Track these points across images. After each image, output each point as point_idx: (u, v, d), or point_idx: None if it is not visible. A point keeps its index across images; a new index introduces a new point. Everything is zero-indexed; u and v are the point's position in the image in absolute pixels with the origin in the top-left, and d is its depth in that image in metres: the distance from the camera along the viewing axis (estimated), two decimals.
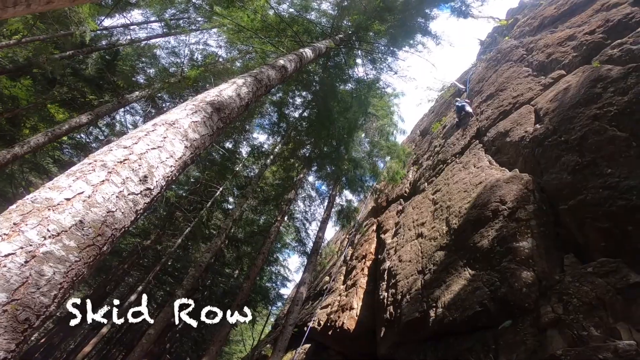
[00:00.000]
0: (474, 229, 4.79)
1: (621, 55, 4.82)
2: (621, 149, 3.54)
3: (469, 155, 7.00)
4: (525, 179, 4.66)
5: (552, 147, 4.57)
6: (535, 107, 5.73)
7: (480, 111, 8.28)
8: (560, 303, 3.17)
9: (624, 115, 3.78)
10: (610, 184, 3.44)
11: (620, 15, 5.76)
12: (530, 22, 10.17)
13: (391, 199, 10.95)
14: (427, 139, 12.37)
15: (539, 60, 7.04)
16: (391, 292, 6.10)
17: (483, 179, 5.63)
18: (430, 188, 7.97)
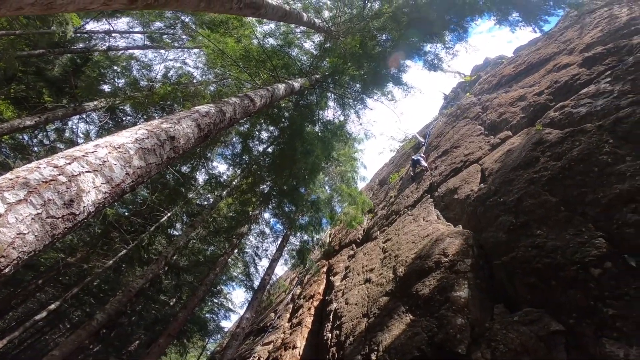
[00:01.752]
0: (417, 278, 4.96)
1: (561, 119, 5.19)
2: (551, 213, 3.96)
3: (420, 209, 7.42)
4: (466, 235, 5.01)
5: (492, 207, 5.02)
6: (482, 167, 6.28)
7: (435, 166, 8.93)
8: (489, 349, 3.30)
9: (556, 180, 4.21)
10: (538, 244, 3.80)
11: (567, 77, 6.15)
12: (490, 80, 10.99)
13: (344, 243, 11.06)
14: (384, 189, 12.94)
15: (491, 120, 7.71)
16: (335, 333, 5.98)
17: (430, 232, 5.95)
18: (382, 237, 8.22)
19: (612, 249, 3.11)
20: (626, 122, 3.85)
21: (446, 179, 7.46)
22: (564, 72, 6.45)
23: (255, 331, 11.69)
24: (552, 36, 9.21)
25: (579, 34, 7.74)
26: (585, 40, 6.88)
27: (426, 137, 12.52)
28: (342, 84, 8.49)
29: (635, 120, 3.74)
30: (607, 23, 6.92)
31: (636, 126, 3.70)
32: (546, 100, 6.14)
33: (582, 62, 6.19)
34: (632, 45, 5.22)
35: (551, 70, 7.09)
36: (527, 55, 9.50)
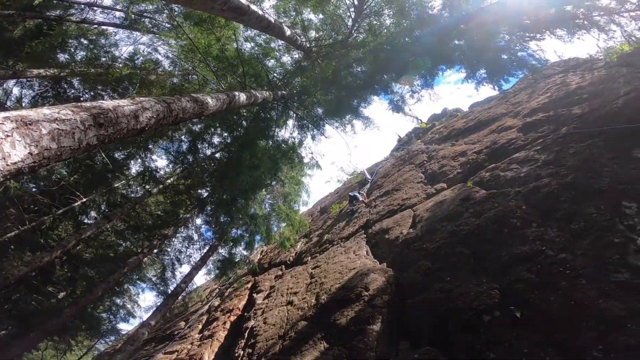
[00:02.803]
0: (338, 307, 5.10)
1: (490, 180, 5.66)
2: (462, 263, 4.42)
3: (353, 242, 7.75)
4: (389, 273, 5.33)
5: (415, 251, 5.47)
6: (415, 213, 6.78)
7: (374, 204, 9.45)
8: None
9: (472, 235, 4.68)
10: (446, 289, 4.22)
11: (504, 140, 6.65)
12: (441, 131, 11.57)
13: (274, 262, 10.92)
14: (323, 217, 13.23)
15: (433, 170, 8.24)
16: (248, 351, 5.78)
17: (358, 265, 6.22)
18: (312, 262, 8.34)
19: (503, 300, 3.60)
20: (541, 192, 4.52)
21: (382, 218, 7.95)
22: (504, 134, 7.05)
23: (160, 338, 10.64)
24: (506, 96, 10.02)
25: (528, 97, 8.32)
26: (532, 105, 7.52)
27: (373, 175, 13.23)
28: (306, 106, 8.63)
29: (549, 191, 4.43)
30: (556, 90, 7.62)
31: (548, 197, 4.36)
32: (482, 160, 6.71)
33: (522, 127, 6.79)
34: (569, 116, 5.91)
35: (494, 130, 7.68)
36: (479, 112, 10.26)
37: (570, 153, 4.87)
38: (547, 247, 3.72)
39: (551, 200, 4.24)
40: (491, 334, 3.38)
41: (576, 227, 3.66)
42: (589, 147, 4.68)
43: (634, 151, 4.08)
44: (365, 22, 8.38)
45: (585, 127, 5.12)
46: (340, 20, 8.30)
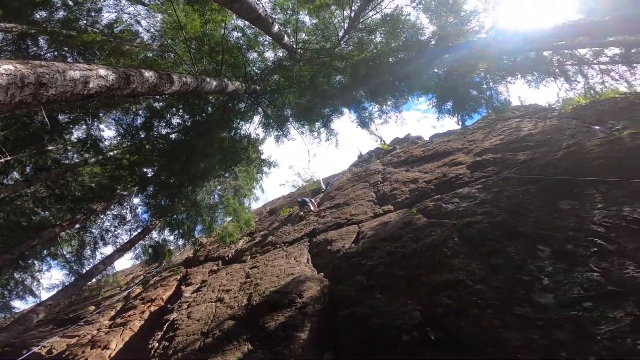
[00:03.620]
0: (269, 311, 5.08)
1: (432, 209, 6.04)
2: (394, 283, 4.63)
3: (296, 248, 7.80)
4: (325, 283, 5.45)
5: (353, 266, 5.64)
6: (360, 230, 7.04)
7: (323, 215, 9.62)
8: None
9: (407, 258, 4.97)
10: (376, 306, 4.39)
11: (453, 174, 7.11)
12: (400, 155, 12.09)
13: (211, 256, 10.54)
14: (271, 219, 13.12)
15: (384, 191, 8.63)
16: (164, 344, 5.47)
17: (296, 271, 6.27)
18: (251, 262, 8.22)
19: (423, 321, 3.87)
20: (473, 227, 4.94)
21: (328, 229, 8.12)
22: (454, 168, 7.60)
23: (60, 321, 9.64)
24: (465, 132, 10.78)
25: (484, 137, 9.03)
26: (485, 145, 8.17)
27: (327, 186, 13.47)
28: (277, 105, 8.51)
29: (480, 228, 4.85)
30: (509, 134, 8.29)
31: (478, 233, 4.77)
32: (430, 190, 7.18)
33: (471, 164, 7.35)
34: (513, 161, 6.51)
35: (447, 163, 8.21)
36: (438, 144, 10.93)
37: (506, 196, 5.43)
38: (468, 277, 4.08)
39: (480, 236, 4.67)
40: (406, 352, 3.59)
41: (495, 263, 4.07)
42: (523, 192, 5.26)
43: (560, 202, 4.64)
44: (356, 36, 8.57)
45: (524, 173, 5.74)
46: (333, 29, 8.39)
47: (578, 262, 3.52)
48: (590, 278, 3.26)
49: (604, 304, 2.99)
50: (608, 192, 4.23)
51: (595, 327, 2.86)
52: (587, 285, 3.22)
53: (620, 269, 3.22)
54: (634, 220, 3.69)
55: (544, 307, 3.30)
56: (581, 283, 3.28)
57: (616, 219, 3.80)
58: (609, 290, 3.09)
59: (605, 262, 3.36)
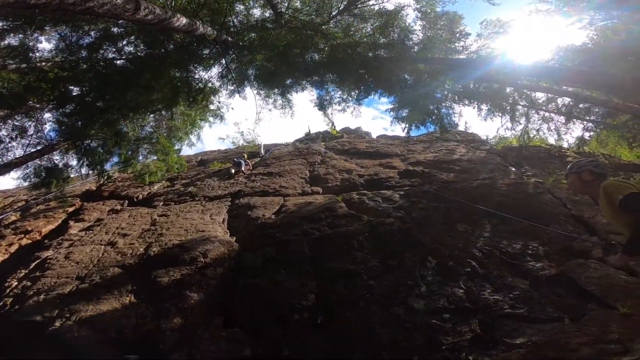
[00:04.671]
0: (166, 265, 4.92)
1: (356, 202, 6.41)
2: (300, 262, 4.84)
3: (215, 205, 7.62)
4: (233, 248, 5.44)
5: (267, 236, 5.69)
6: (284, 203, 7.08)
7: (253, 179, 9.47)
8: (188, 355, 3.59)
9: (319, 241, 5.21)
10: (278, 281, 4.53)
11: (385, 176, 7.55)
12: (345, 144, 12.34)
13: (118, 194, 9.73)
14: (199, 170, 12.53)
15: (319, 173, 8.80)
16: (25, 283, 4.93)
17: (208, 230, 6.15)
18: (161, 209, 7.83)
19: (315, 304, 4.14)
20: (384, 227, 5.35)
21: (253, 194, 8.07)
22: (387, 170, 8.06)
23: None
24: (408, 141, 11.40)
25: (422, 150, 9.69)
26: (419, 157, 8.86)
27: (267, 153, 13.31)
28: (243, 62, 8.16)
29: (389, 229, 5.27)
30: (443, 154, 8.97)
31: (386, 233, 5.18)
32: (360, 183, 7.54)
33: (402, 171, 7.80)
34: (437, 178, 7.16)
35: (383, 164, 8.64)
36: (381, 144, 11.53)
37: (419, 207, 5.99)
38: (366, 272, 4.49)
39: (387, 237, 5.12)
40: (293, 331, 3.85)
41: (391, 264, 4.54)
42: (433, 208, 5.86)
43: (459, 224, 5.30)
44: (347, 20, 8.56)
45: (441, 191, 6.37)
46: (328, 6, 8.26)
47: (452, 278, 4.12)
48: (456, 293, 3.87)
49: (457, 318, 3.59)
50: (497, 225, 4.97)
51: (444, 337, 3.41)
52: (451, 299, 3.81)
53: (480, 290, 3.88)
54: (505, 253, 4.43)
55: (415, 311, 3.81)
56: (448, 296, 3.86)
57: (493, 249, 4.53)
58: (465, 306, 3.70)
59: (472, 282, 4.01)
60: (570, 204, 5.50)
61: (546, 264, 4.22)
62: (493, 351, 3.25)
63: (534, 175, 7.23)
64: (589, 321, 3.33)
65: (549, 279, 3.96)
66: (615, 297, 3.51)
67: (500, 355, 3.17)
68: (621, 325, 3.23)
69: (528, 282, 3.96)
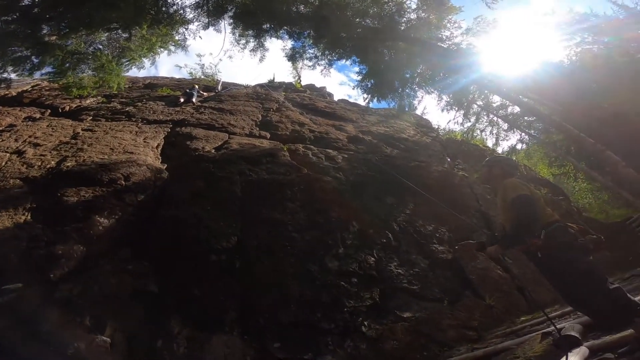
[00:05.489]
0: (77, 184, 4.25)
1: (300, 154, 6.26)
2: (227, 201, 4.60)
3: (152, 129, 6.77)
4: (162, 176, 4.88)
5: (201, 170, 5.16)
6: (228, 140, 6.59)
7: (202, 111, 8.62)
8: (79, 286, 3.20)
9: (254, 184, 4.96)
10: (201, 216, 4.24)
11: (334, 136, 7.55)
12: (305, 99, 11.76)
13: (40, 102, 8.16)
14: (144, 92, 11.07)
15: (271, 119, 8.34)
16: None
17: (138, 152, 5.42)
18: (89, 123, 6.76)
19: (236, 248, 3.92)
20: (320, 184, 5.13)
21: (198, 126, 7.33)
22: (338, 132, 7.92)
23: None
24: (366, 111, 11.23)
25: (375, 122, 9.52)
26: (371, 129, 8.71)
27: (224, 90, 12.28)
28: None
29: (325, 187, 5.06)
30: (394, 130, 8.94)
31: (321, 190, 4.99)
32: (308, 138, 7.20)
33: (352, 137, 7.75)
34: (381, 151, 7.04)
35: (336, 126, 8.54)
36: (340, 108, 11.22)
37: (358, 172, 5.90)
38: (292, 223, 4.34)
39: (320, 194, 4.94)
40: (207, 272, 3.65)
41: (317, 220, 4.44)
42: (370, 177, 5.79)
43: (388, 196, 5.35)
44: None
45: (381, 163, 6.29)
46: None
47: (368, 245, 4.21)
48: (367, 260, 3.97)
49: (363, 284, 3.70)
50: (419, 205, 5.11)
51: (347, 299, 3.51)
52: (362, 265, 3.91)
53: (388, 261, 4.03)
54: (418, 232, 4.63)
55: (328, 270, 3.84)
56: (360, 262, 3.95)
57: (409, 226, 4.70)
58: (372, 274, 3.84)
59: (383, 253, 4.14)
60: (482, 200, 5.85)
61: (447, 248, 4.49)
62: (384, 320, 3.43)
63: (463, 169, 7.55)
64: (461, 307, 3.66)
65: (445, 262, 4.25)
66: (487, 289, 3.89)
67: (388, 325, 3.36)
68: (483, 315, 3.61)
69: (428, 262, 4.19)
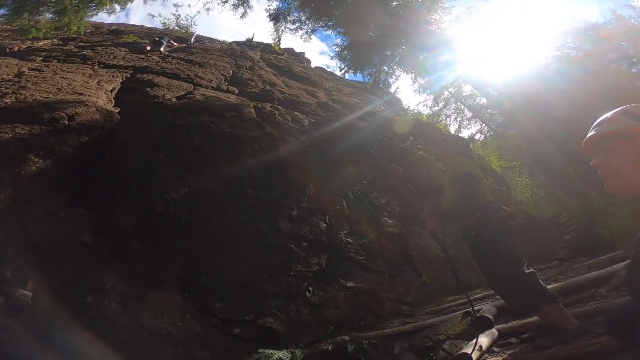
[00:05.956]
0: (14, 120, 3.73)
1: (266, 112, 5.97)
2: (185, 151, 4.32)
3: (109, 73, 6.07)
4: (112, 118, 4.40)
5: (157, 117, 4.80)
6: (192, 91, 6.15)
7: (168, 60, 7.91)
8: None
9: (213, 136, 4.64)
10: (152, 163, 3.97)
11: (304, 100, 7.33)
12: (281, 61, 11.31)
13: None
14: (107, 37, 9.89)
15: (242, 76, 7.95)
16: None
17: (89, 94, 4.81)
18: (37, 64, 6.01)
19: (184, 201, 3.70)
20: (283, 145, 4.93)
21: (161, 74, 6.69)
22: (309, 97, 7.71)
23: None
24: (340, 81, 10.88)
25: (349, 92, 9.44)
26: (343, 98, 8.36)
27: (196, 43, 11.53)
28: None
29: (286, 148, 4.88)
30: (365, 103, 8.70)
31: (282, 151, 4.81)
32: (278, 98, 6.94)
33: (322, 103, 7.57)
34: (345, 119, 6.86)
35: (308, 91, 8.26)
36: (315, 74, 10.84)
37: (323, 138, 5.59)
38: (248, 179, 4.15)
39: (282, 153, 4.76)
40: (151, 223, 3.42)
41: (275, 180, 4.27)
42: (332, 143, 5.51)
43: (349, 165, 5.19)
44: None
45: (348, 132, 6.10)
46: None
47: (321, 210, 4.14)
48: (319, 225, 3.93)
49: (312, 249, 3.66)
50: (377, 177, 5.09)
51: (295, 263, 3.47)
52: (314, 230, 3.86)
53: (339, 229, 4.02)
54: (371, 204, 4.63)
55: (280, 232, 3.75)
56: (312, 226, 3.90)
57: (364, 196, 4.66)
58: (322, 240, 3.80)
59: (335, 220, 4.10)
60: (435, 181, 5.94)
61: (396, 222, 4.55)
62: (328, 287, 3.43)
63: (423, 150, 7.61)
64: (400, 281, 3.74)
65: (392, 236, 4.30)
66: (424, 267, 4.00)
67: (332, 293, 3.37)
68: (418, 291, 3.73)
69: (377, 234, 4.21)
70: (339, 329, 3.08)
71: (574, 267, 3.63)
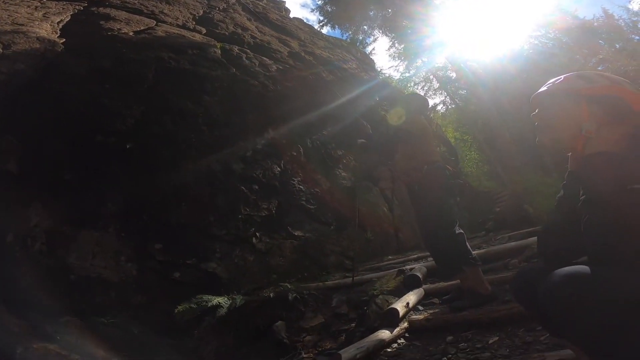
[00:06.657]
0: None
1: (233, 55, 5.55)
2: (138, 83, 3.95)
3: (59, 6, 5.20)
4: (55, 48, 3.91)
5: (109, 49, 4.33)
6: (154, 27, 5.54)
7: None
8: None
9: (169, 72, 4.24)
10: (97, 93, 3.58)
11: (275, 47, 6.74)
12: (258, 6, 9.82)
13: None
14: None
15: (215, 18, 7.13)
16: None
17: (31, 26, 4.22)
18: None
19: (133, 129, 3.40)
20: (245, 86, 4.56)
21: (121, 9, 5.76)
22: (280, 45, 7.07)
23: None
24: (317, 35, 10.21)
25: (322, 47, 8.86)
26: (316, 52, 7.76)
27: None
28: None
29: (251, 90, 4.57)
30: (338, 59, 8.31)
31: (244, 92, 4.48)
32: (248, 42, 6.43)
33: (293, 53, 6.85)
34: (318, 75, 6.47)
35: (281, 39, 7.60)
36: (291, 24, 9.84)
37: (288, 85, 5.24)
38: (204, 116, 3.84)
39: (243, 94, 4.43)
40: (88, 152, 3.10)
41: (233, 119, 3.99)
42: (297, 91, 5.17)
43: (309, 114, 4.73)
44: None
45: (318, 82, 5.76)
46: None
47: (277, 154, 3.92)
48: (273, 169, 3.73)
49: (263, 193, 3.49)
50: (340, 131, 4.86)
51: (244, 206, 3.29)
52: (267, 173, 3.66)
53: (293, 175, 3.86)
54: (328, 154, 4.47)
55: (232, 172, 3.53)
56: (266, 169, 3.69)
57: (322, 146, 4.44)
58: (274, 184, 3.61)
59: (290, 166, 3.89)
60: (394, 139, 5.86)
61: (349, 176, 4.42)
62: (275, 235, 3.27)
63: (386, 112, 7.43)
64: (345, 235, 3.64)
65: (344, 188, 4.17)
66: (370, 224, 3.93)
67: (279, 241, 3.24)
68: (362, 247, 3.70)
69: (329, 185, 4.09)
70: (282, 278, 2.98)
71: (496, 238, 3.71)
